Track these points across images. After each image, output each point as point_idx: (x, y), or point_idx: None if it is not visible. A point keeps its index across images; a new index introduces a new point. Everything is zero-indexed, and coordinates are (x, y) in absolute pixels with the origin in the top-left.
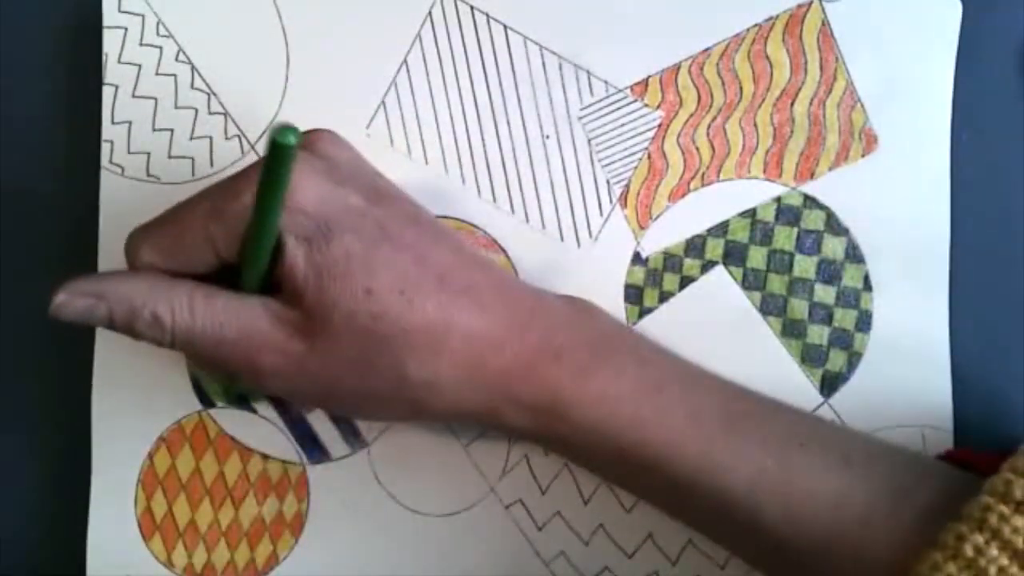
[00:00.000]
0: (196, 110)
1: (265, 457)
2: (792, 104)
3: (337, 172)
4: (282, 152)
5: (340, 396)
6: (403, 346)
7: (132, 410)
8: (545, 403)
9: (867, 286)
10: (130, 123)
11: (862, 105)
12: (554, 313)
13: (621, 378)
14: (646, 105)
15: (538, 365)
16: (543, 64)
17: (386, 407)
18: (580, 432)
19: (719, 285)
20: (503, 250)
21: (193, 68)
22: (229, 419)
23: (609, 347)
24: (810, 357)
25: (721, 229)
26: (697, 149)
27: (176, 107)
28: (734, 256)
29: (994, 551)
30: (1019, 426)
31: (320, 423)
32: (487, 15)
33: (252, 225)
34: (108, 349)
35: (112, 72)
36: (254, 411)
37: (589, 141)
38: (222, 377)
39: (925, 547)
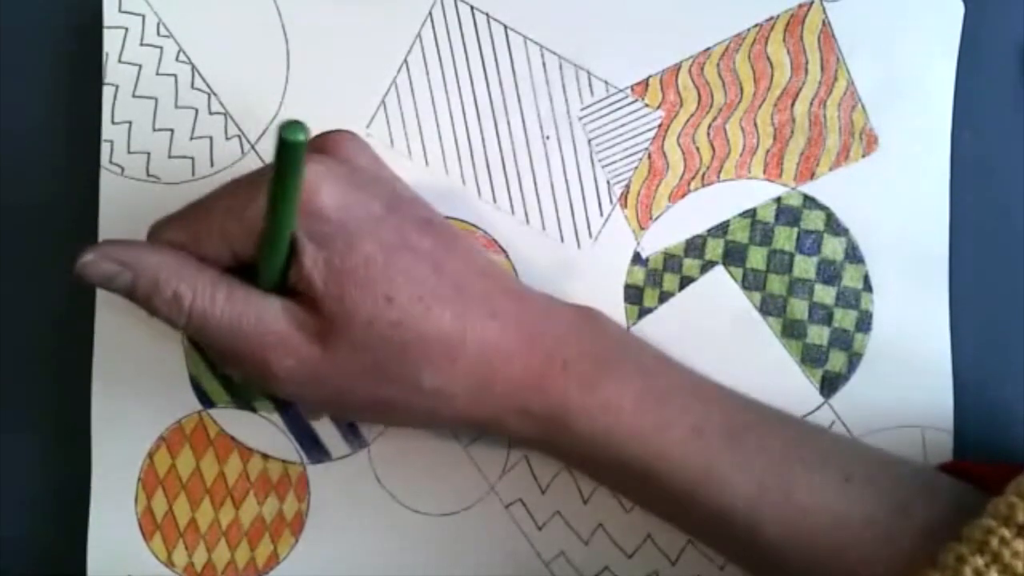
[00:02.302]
0: (196, 110)
1: (265, 457)
2: (793, 104)
3: (358, 176)
4: (291, 149)
5: (351, 403)
6: (420, 354)
7: (132, 410)
8: (550, 414)
9: (867, 286)
10: (130, 123)
11: (863, 105)
12: (562, 322)
13: (625, 389)
14: (646, 105)
15: (546, 375)
16: (543, 64)
17: (397, 415)
18: (583, 442)
19: (719, 285)
20: (503, 250)
21: (193, 68)
22: (229, 419)
23: (614, 358)
24: (810, 357)
25: (721, 229)
26: (697, 149)
27: (176, 107)
28: (734, 256)
29: (994, 575)
30: (1020, 426)
31: (320, 423)
32: (487, 15)
33: (266, 225)
34: (108, 349)
35: (112, 72)
36: (254, 411)
37: (589, 141)
38: (230, 376)
39: (924, 567)
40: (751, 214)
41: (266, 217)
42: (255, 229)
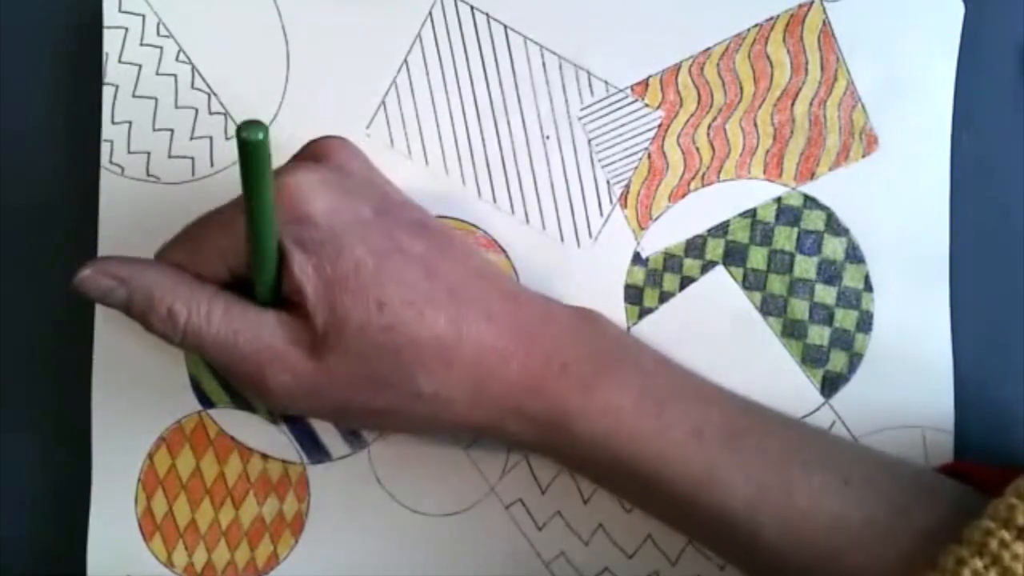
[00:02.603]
0: (196, 110)
1: (265, 457)
2: (792, 104)
3: (348, 182)
4: (253, 148)
5: (350, 413)
6: (414, 359)
7: (132, 410)
8: (549, 417)
9: (867, 286)
10: (130, 123)
11: (862, 105)
12: (560, 324)
13: (624, 392)
14: (646, 105)
15: (544, 378)
16: (543, 64)
17: (396, 421)
18: (582, 446)
19: (719, 285)
20: (503, 250)
21: (193, 68)
22: (229, 419)
23: (613, 360)
24: (811, 358)
25: (721, 229)
26: (697, 149)
27: (176, 107)
28: (734, 256)
29: None
30: (1020, 426)
31: (321, 423)
32: (487, 15)
33: (248, 232)
34: (108, 349)
35: (112, 72)
36: (254, 411)
37: (589, 141)
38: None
39: (924, 570)
40: (751, 214)
41: (246, 224)
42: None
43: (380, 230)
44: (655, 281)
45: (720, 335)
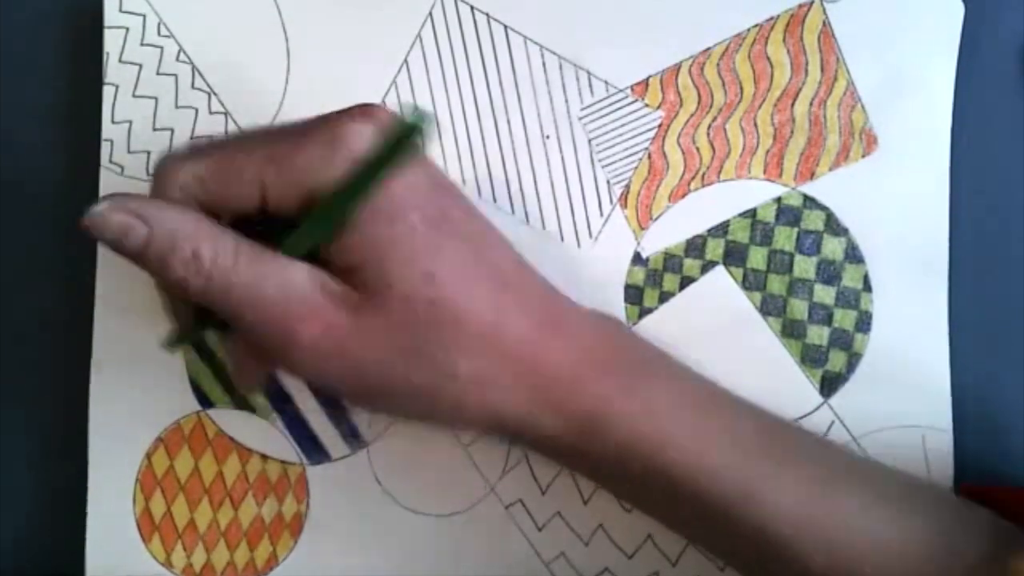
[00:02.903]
0: (196, 110)
1: (264, 457)
2: (792, 104)
3: None
4: (415, 135)
5: (377, 387)
6: (456, 337)
7: (130, 410)
8: (588, 415)
9: (867, 286)
10: (130, 123)
11: (862, 105)
12: (595, 326)
13: (661, 395)
14: (646, 105)
15: (586, 375)
16: (543, 64)
17: (423, 404)
18: (616, 447)
19: (719, 285)
20: None
21: (194, 68)
22: (228, 419)
23: (649, 363)
24: (810, 357)
25: (721, 229)
26: (697, 149)
27: (176, 107)
28: (734, 256)
29: None
30: (1019, 426)
31: (320, 423)
32: (487, 15)
33: (337, 196)
34: (107, 349)
35: (112, 72)
36: (253, 411)
37: (589, 141)
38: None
39: None
40: (751, 214)
41: (341, 189)
42: (294, 183)
43: (435, 202)
44: (655, 281)
45: (720, 335)
